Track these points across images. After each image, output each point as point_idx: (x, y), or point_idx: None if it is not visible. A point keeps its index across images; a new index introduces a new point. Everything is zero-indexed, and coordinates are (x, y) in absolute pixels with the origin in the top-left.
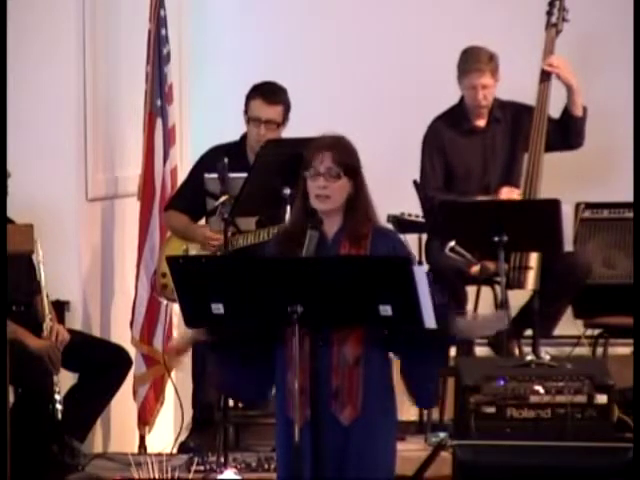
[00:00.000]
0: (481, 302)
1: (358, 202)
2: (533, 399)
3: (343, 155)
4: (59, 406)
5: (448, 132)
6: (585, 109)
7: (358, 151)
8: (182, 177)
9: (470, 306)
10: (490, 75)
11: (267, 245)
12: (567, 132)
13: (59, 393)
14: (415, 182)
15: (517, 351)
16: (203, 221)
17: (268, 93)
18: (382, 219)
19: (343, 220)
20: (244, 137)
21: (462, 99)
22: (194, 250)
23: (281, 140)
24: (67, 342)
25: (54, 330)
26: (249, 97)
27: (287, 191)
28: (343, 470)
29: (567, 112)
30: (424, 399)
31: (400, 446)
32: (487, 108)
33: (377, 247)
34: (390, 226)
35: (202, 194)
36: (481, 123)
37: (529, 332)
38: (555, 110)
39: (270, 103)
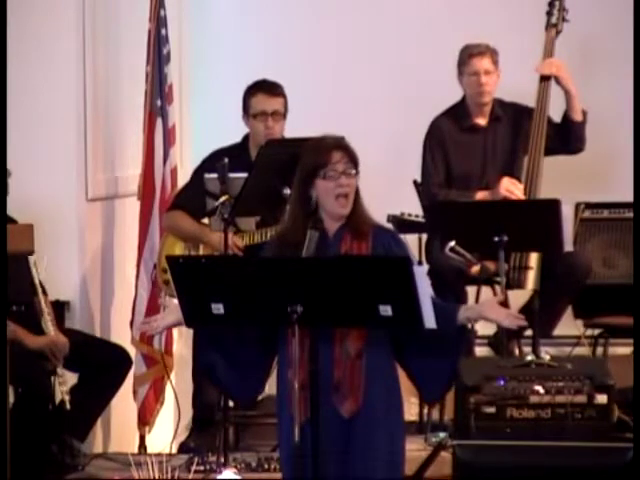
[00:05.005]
0: None
1: (358, 200)
2: (533, 399)
3: (353, 153)
4: (67, 396)
5: (449, 129)
6: (585, 113)
7: (358, 151)
8: (182, 177)
9: None
10: (491, 60)
11: (264, 249)
12: (567, 137)
13: (65, 384)
14: (415, 182)
15: (517, 351)
16: (205, 221)
17: (268, 87)
18: (382, 219)
19: (346, 217)
20: (246, 138)
21: (464, 98)
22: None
23: (281, 140)
24: (66, 351)
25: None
26: (249, 95)
27: (287, 191)
28: (346, 466)
29: (567, 117)
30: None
31: None
32: (489, 104)
33: (377, 245)
34: (390, 226)
35: (203, 197)
36: (482, 121)
37: (529, 332)
38: (555, 113)
39: (273, 95)
